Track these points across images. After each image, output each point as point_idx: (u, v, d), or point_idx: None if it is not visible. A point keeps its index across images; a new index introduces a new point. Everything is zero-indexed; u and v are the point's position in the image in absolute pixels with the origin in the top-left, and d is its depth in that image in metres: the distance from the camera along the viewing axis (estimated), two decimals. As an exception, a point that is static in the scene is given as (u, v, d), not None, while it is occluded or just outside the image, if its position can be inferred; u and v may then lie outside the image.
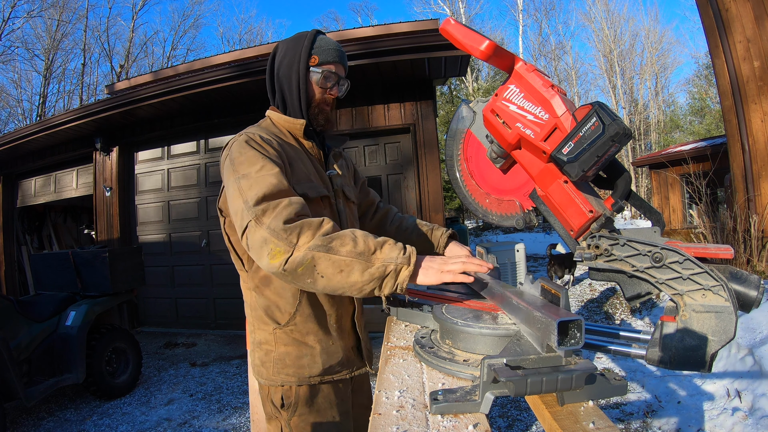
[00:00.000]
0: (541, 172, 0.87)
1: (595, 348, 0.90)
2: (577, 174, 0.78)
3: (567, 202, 0.82)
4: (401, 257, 0.94)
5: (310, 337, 1.21)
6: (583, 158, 0.77)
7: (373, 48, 4.68)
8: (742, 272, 0.79)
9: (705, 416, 2.62)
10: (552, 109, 0.82)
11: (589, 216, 0.79)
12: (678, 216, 11.40)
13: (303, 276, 0.94)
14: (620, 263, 0.80)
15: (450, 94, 23.50)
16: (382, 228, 1.55)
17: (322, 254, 0.93)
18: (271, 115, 1.30)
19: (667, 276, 0.76)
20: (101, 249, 3.94)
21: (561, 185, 0.84)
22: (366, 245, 0.95)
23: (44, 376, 3.38)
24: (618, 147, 0.78)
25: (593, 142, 0.76)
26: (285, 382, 1.20)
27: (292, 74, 1.23)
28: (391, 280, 0.94)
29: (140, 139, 6.39)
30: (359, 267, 0.93)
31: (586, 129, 0.77)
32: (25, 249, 8.08)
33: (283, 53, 1.25)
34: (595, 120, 0.76)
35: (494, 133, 0.94)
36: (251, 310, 1.26)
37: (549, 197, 0.85)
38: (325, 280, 0.94)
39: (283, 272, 0.94)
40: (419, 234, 1.50)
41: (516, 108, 0.87)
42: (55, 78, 23.04)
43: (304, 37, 1.24)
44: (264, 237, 0.95)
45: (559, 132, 0.80)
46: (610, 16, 28.11)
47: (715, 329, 0.72)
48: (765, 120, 4.69)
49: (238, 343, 5.35)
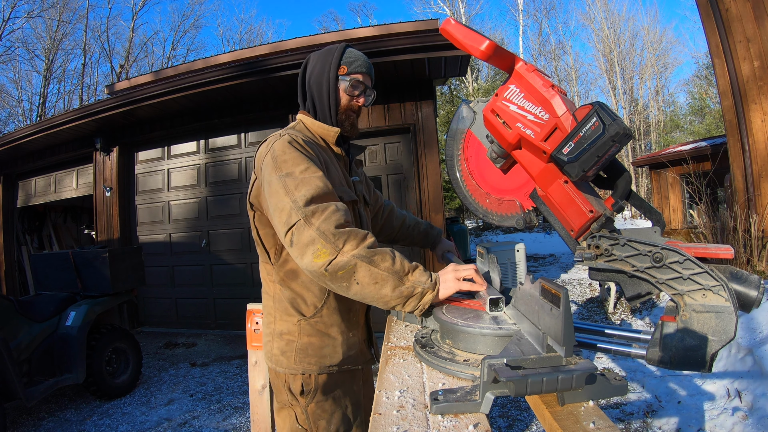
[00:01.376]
0: (541, 172, 0.87)
1: (595, 348, 0.90)
2: (577, 174, 0.78)
3: (567, 202, 0.82)
4: (428, 283, 1.04)
5: (334, 329, 1.28)
6: (584, 158, 0.77)
7: (373, 48, 4.68)
8: (743, 272, 0.79)
9: (705, 416, 2.62)
10: (552, 109, 0.82)
11: (590, 216, 0.79)
12: (678, 216, 11.39)
13: (341, 279, 1.02)
14: (620, 263, 0.80)
15: (450, 94, 23.50)
16: (389, 226, 1.72)
17: (364, 264, 1.01)
18: (304, 120, 1.37)
19: (667, 276, 0.76)
20: (101, 249, 3.94)
21: (561, 185, 0.84)
22: (402, 266, 1.04)
23: (44, 376, 3.38)
24: (618, 147, 0.78)
25: (594, 142, 0.76)
26: (306, 371, 1.25)
27: (322, 81, 1.33)
28: (415, 300, 1.03)
29: (140, 139, 6.39)
30: (392, 283, 1.02)
31: (586, 129, 0.77)
32: (26, 249, 8.08)
33: (314, 63, 1.36)
34: (595, 120, 0.76)
35: (494, 133, 0.94)
36: (274, 302, 1.31)
37: (549, 197, 0.85)
38: (359, 287, 1.02)
39: (323, 272, 1.01)
40: (419, 232, 1.75)
41: (516, 108, 0.87)
42: (55, 78, 23.06)
43: (335, 49, 1.35)
44: (312, 237, 1.02)
45: (559, 132, 0.81)
46: (610, 15, 28.13)
47: (716, 329, 0.72)
48: (765, 120, 4.68)
49: (238, 343, 5.35)
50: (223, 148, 6.06)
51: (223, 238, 6.01)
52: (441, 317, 0.99)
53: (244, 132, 5.94)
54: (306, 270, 1.05)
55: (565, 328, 0.67)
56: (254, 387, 1.98)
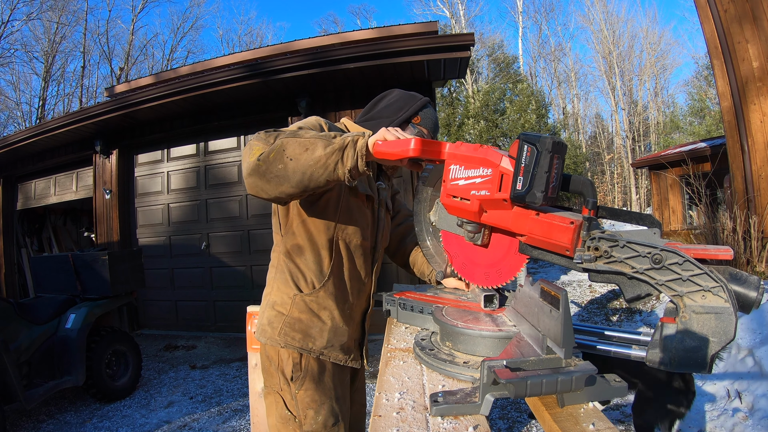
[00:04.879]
0: (513, 220, 0.90)
1: (595, 350, 0.90)
2: (539, 198, 0.82)
3: (548, 229, 0.84)
4: (357, 135, 1.06)
5: (325, 313, 1.30)
6: (537, 182, 0.82)
7: (372, 50, 4.69)
8: (742, 273, 0.79)
9: (706, 417, 2.62)
10: (490, 162, 0.89)
11: (572, 227, 0.80)
12: (678, 217, 11.40)
13: (274, 162, 1.05)
14: (620, 265, 0.80)
15: (450, 96, 23.52)
16: (403, 241, 1.66)
17: (291, 139, 1.07)
18: (345, 122, 1.47)
19: (666, 277, 0.76)
20: (101, 251, 3.94)
21: (535, 219, 0.87)
22: (328, 134, 1.08)
23: (44, 379, 3.38)
24: (559, 158, 0.83)
25: (536, 164, 0.81)
26: (288, 345, 1.27)
27: (395, 114, 1.43)
28: (351, 149, 1.03)
29: (140, 141, 6.39)
30: (322, 144, 1.04)
31: (524, 158, 0.82)
32: (25, 251, 8.08)
33: (397, 97, 1.47)
34: (527, 147, 0.82)
35: (460, 212, 0.99)
36: (276, 272, 1.35)
37: (532, 236, 0.87)
38: (293, 163, 1.05)
39: (258, 163, 1.06)
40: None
41: (464, 181, 0.94)
42: (54, 80, 23.08)
43: (420, 98, 1.48)
44: (249, 144, 1.11)
45: (506, 177, 0.86)
46: (609, 17, 28.19)
47: (715, 330, 0.72)
48: (764, 120, 4.69)
49: (238, 345, 5.35)
50: (223, 151, 6.06)
51: (222, 240, 6.01)
52: (441, 319, 0.99)
53: (244, 134, 5.95)
54: (246, 173, 1.09)
55: (564, 329, 0.67)
56: (254, 389, 1.98)
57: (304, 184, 1.06)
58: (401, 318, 1.26)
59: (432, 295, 1.29)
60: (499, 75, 25.28)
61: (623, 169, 27.41)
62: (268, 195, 1.11)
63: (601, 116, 31.83)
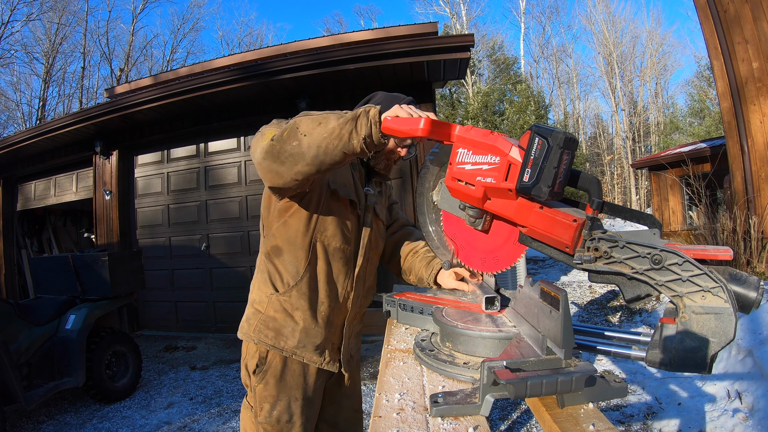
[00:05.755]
0: (516, 210, 0.89)
1: (595, 350, 0.90)
2: (545, 193, 0.81)
3: (551, 224, 0.84)
4: (369, 106, 1.05)
5: (298, 313, 1.33)
6: (544, 176, 0.81)
7: (372, 51, 4.69)
8: (742, 273, 0.79)
9: (706, 418, 2.61)
10: (499, 150, 0.87)
11: (575, 225, 0.80)
12: (678, 217, 11.40)
13: (288, 140, 1.06)
14: (620, 265, 0.80)
15: (450, 97, 23.54)
16: (397, 249, 1.62)
17: (303, 117, 1.08)
18: None
19: (666, 278, 0.76)
20: (101, 252, 3.94)
21: (538, 212, 0.86)
22: (339, 111, 1.07)
23: (44, 380, 3.38)
24: (569, 153, 0.82)
25: (545, 158, 0.80)
26: (261, 341, 1.33)
27: None
28: (364, 118, 1.02)
29: (140, 142, 6.39)
30: (335, 116, 1.04)
31: (534, 151, 0.81)
32: (25, 252, 8.08)
33: (381, 99, 1.43)
34: (538, 139, 0.81)
35: (463, 197, 0.98)
36: (258, 272, 1.41)
37: (533, 229, 0.87)
38: (308, 138, 1.04)
39: (272, 143, 1.07)
40: (422, 258, 1.53)
41: (471, 166, 0.92)
42: (54, 81, 23.11)
43: (402, 98, 1.44)
44: (260, 131, 1.15)
45: (514, 167, 0.85)
46: (611, 18, 28.23)
47: (715, 331, 0.72)
48: (764, 121, 4.69)
49: (238, 346, 5.32)
50: (223, 152, 6.06)
51: (222, 241, 6.01)
52: (441, 320, 0.99)
53: (244, 135, 5.95)
54: (260, 157, 1.10)
55: (564, 330, 0.67)
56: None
57: (319, 159, 1.04)
58: (401, 319, 1.26)
59: (432, 296, 1.29)
60: (499, 76, 25.33)
61: (623, 170, 27.43)
62: (283, 179, 1.11)
63: (601, 117, 31.91)
